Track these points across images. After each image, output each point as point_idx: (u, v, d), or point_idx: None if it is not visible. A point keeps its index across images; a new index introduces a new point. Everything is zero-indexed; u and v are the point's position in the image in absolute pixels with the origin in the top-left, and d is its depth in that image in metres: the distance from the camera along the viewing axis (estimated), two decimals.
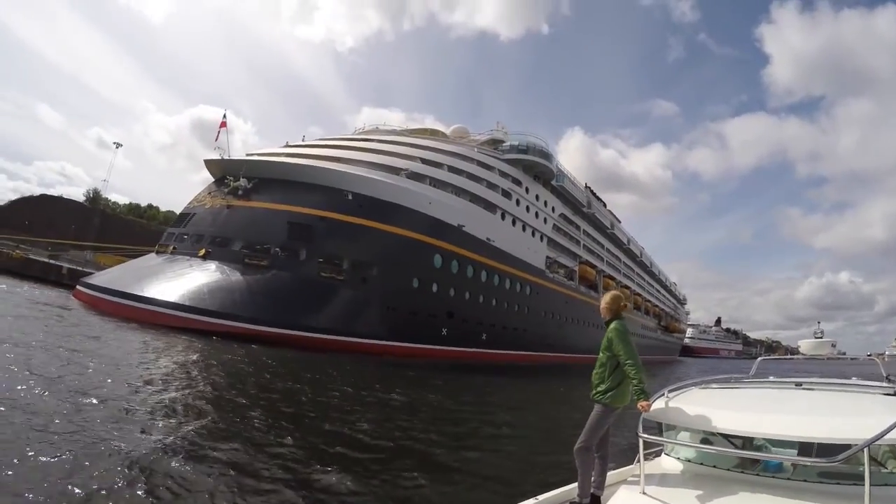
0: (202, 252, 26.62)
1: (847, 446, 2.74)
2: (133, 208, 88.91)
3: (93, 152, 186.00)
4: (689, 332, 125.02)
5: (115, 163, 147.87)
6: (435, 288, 29.66)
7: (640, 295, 68.36)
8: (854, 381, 4.65)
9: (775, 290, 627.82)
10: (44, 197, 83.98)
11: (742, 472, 3.49)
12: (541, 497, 3.94)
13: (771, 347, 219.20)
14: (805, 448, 3.33)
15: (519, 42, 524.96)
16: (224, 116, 33.28)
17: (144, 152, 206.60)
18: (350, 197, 27.61)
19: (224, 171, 31.16)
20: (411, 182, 30.53)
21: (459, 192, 32.84)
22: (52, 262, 40.78)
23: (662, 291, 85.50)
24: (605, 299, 4.85)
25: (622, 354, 4.27)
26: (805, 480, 3.22)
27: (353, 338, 24.45)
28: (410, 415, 11.45)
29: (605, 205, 58.77)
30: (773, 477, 3.35)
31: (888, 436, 2.73)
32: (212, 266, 25.47)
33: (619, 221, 63.12)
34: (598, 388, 4.38)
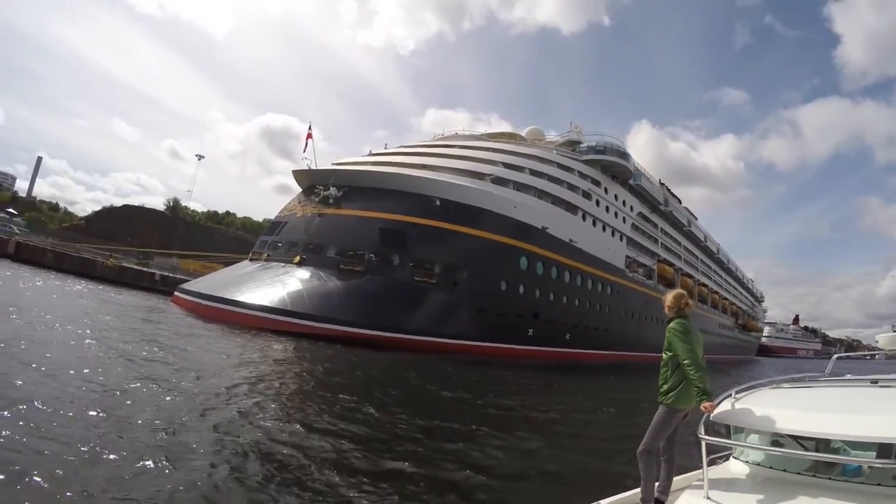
0: (297, 259, 27.66)
1: None
2: (211, 215, 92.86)
3: (167, 162, 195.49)
4: (766, 330, 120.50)
5: (189, 172, 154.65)
6: (521, 290, 29.87)
7: (717, 293, 66.48)
8: None
9: (855, 285, 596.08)
10: (127, 207, 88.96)
11: (814, 475, 3.33)
12: (602, 501, 3.82)
13: (851, 346, 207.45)
14: (883, 450, 3.08)
15: (581, 36, 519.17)
16: (310, 128, 34.53)
17: (216, 161, 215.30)
18: (438, 203, 28.17)
19: (312, 181, 32.31)
20: (496, 186, 30.88)
21: (542, 194, 32.94)
22: (144, 269, 42.70)
23: (739, 289, 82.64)
24: (668, 297, 4.70)
25: (680, 353, 4.16)
26: (880, 484, 3.08)
27: (446, 339, 25.01)
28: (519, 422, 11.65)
29: (680, 201, 57.62)
30: (847, 481, 3.20)
31: None
32: (308, 272, 26.47)
33: (696, 218, 61.63)
34: (661, 389, 4.32)
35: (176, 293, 30.29)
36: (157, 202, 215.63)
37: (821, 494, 3.08)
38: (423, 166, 31.90)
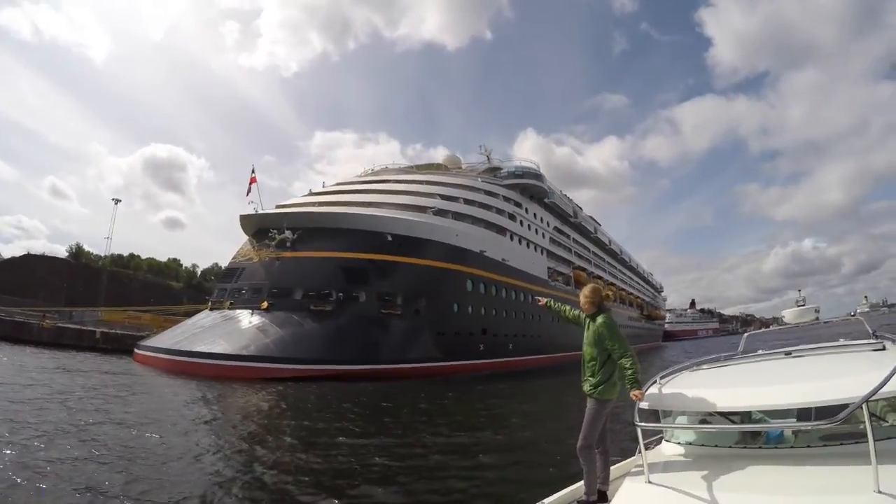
0: (265, 304, 28.82)
1: (844, 406, 2.78)
2: (115, 259, 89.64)
3: (48, 202, 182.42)
4: (668, 317, 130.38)
5: (73, 211, 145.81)
6: (470, 310, 33.60)
7: (623, 290, 73.55)
8: (841, 342, 4.65)
9: (742, 265, 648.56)
10: (28, 257, 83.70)
11: (744, 447, 3.51)
12: (546, 500, 3.96)
13: (746, 321, 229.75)
14: (803, 414, 3.28)
15: (465, 50, 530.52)
16: (252, 172, 36.20)
17: (101, 196, 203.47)
18: (390, 238, 30.93)
19: (259, 225, 33.64)
20: (438, 218, 34.30)
21: (475, 221, 36.82)
22: (83, 328, 40.99)
23: (642, 283, 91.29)
24: (585, 293, 4.63)
25: (617, 348, 4.23)
26: (808, 446, 3.26)
27: (415, 363, 27.97)
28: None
29: (581, 209, 63.67)
30: (776, 447, 3.38)
31: (884, 389, 2.77)
32: (282, 317, 27.90)
33: (600, 224, 68.26)
34: (590, 383, 4.38)
35: (138, 351, 30.32)
36: (43, 246, 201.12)
37: (753, 464, 3.24)
38: (369, 203, 34.60)
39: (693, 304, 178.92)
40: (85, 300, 70.30)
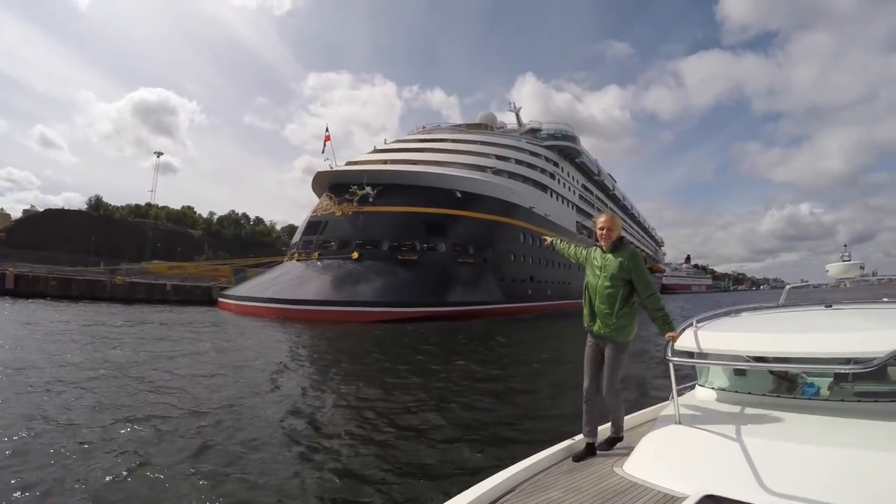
0: (356, 255, 33.26)
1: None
2: (133, 209, 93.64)
3: (38, 152, 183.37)
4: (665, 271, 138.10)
5: (64, 160, 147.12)
6: (522, 259, 39.81)
7: (632, 244, 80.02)
8: (886, 300, 4.47)
9: (738, 224, 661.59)
10: (49, 212, 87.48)
11: (778, 396, 3.49)
12: (577, 437, 4.03)
13: (738, 280, 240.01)
14: (841, 364, 3.11)
15: None
16: (327, 130, 41.15)
17: (90, 144, 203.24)
18: (459, 195, 36.04)
19: (333, 181, 37.82)
20: (496, 177, 39.91)
21: (525, 179, 42.71)
22: (155, 282, 43.81)
23: (647, 237, 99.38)
24: (606, 221, 4.14)
25: (648, 286, 4.00)
26: (843, 400, 3.24)
27: (485, 305, 33.68)
28: None
29: (602, 168, 69.75)
30: (811, 399, 3.36)
31: None
32: (376, 265, 32.45)
33: (616, 182, 74.69)
34: (607, 322, 3.98)
35: (228, 301, 34.38)
36: (34, 198, 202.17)
37: (786, 413, 3.23)
38: (435, 162, 39.51)
39: (688, 259, 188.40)
40: (110, 251, 74.46)
